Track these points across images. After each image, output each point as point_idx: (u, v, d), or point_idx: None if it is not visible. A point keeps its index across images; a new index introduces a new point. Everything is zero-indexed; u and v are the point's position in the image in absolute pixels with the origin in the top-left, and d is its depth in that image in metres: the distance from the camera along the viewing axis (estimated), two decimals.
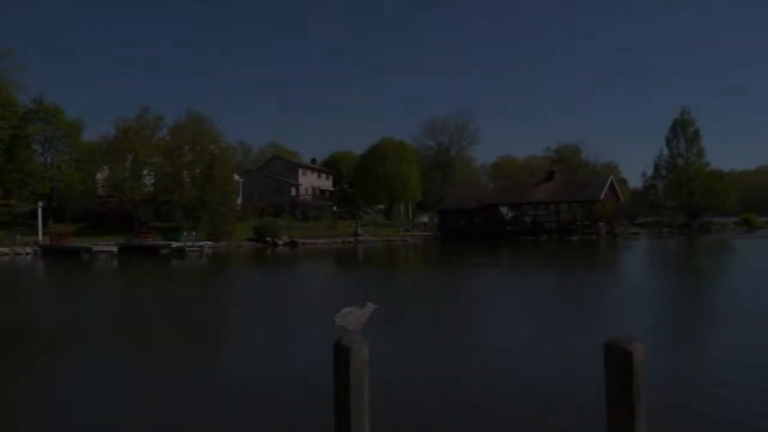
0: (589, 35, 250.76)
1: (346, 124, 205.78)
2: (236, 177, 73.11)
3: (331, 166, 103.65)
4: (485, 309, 18.53)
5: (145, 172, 60.06)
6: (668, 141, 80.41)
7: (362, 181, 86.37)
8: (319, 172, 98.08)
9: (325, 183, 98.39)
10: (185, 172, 58.70)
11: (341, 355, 4.23)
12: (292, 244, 57.40)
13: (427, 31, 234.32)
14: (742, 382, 9.41)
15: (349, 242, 61.73)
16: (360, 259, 42.78)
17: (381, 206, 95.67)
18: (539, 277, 28.80)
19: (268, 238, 57.45)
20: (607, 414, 4.08)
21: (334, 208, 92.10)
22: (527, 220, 74.30)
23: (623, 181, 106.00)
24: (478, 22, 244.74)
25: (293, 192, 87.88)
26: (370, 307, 4.89)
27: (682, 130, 79.26)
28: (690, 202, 77.85)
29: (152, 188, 60.94)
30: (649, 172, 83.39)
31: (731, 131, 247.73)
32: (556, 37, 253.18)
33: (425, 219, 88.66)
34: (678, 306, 18.39)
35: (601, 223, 67.10)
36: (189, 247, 48.36)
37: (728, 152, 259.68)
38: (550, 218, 73.58)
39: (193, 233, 51.15)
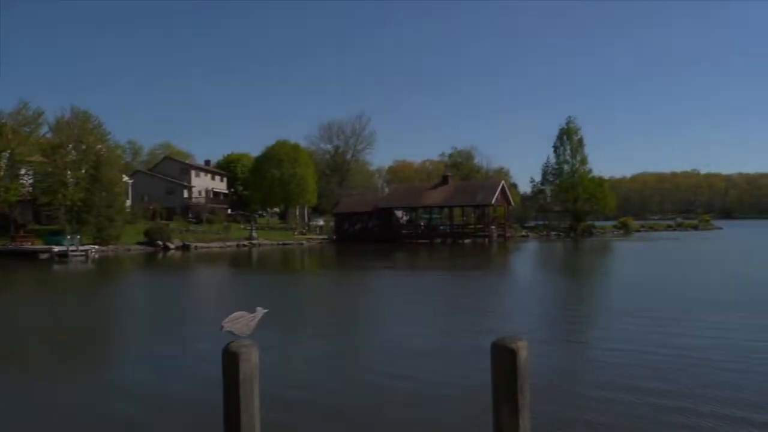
0: (481, 39, 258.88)
1: (241, 125, 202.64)
2: (125, 178, 70.18)
3: (225, 168, 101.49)
4: (378, 311, 18.67)
5: (23, 171, 56.21)
6: (555, 148, 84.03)
7: (257, 183, 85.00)
8: (213, 174, 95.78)
9: (220, 185, 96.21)
10: (69, 172, 55.55)
11: (230, 361, 4.13)
12: (185, 247, 55.74)
13: (324, 32, 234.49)
14: (619, 378, 9.94)
15: (244, 246, 60.64)
16: (254, 263, 42.10)
17: (276, 209, 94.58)
18: (432, 279, 29.33)
19: (159, 242, 55.50)
20: (493, 410, 4.20)
21: (229, 211, 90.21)
22: (422, 223, 75.60)
23: (514, 186, 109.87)
24: (377, 26, 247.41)
25: (186, 194, 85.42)
26: (261, 311, 4.80)
27: (568, 138, 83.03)
28: (575, 206, 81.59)
29: (31, 189, 57.24)
30: (538, 178, 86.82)
31: (611, 140, 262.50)
32: (451, 43, 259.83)
33: (321, 222, 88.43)
34: (561, 304, 19.23)
35: (493, 227, 69.24)
36: (73, 251, 45.94)
37: (608, 160, 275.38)
38: (444, 222, 75.23)
39: (78, 237, 48.59)
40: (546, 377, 9.73)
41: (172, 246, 55.42)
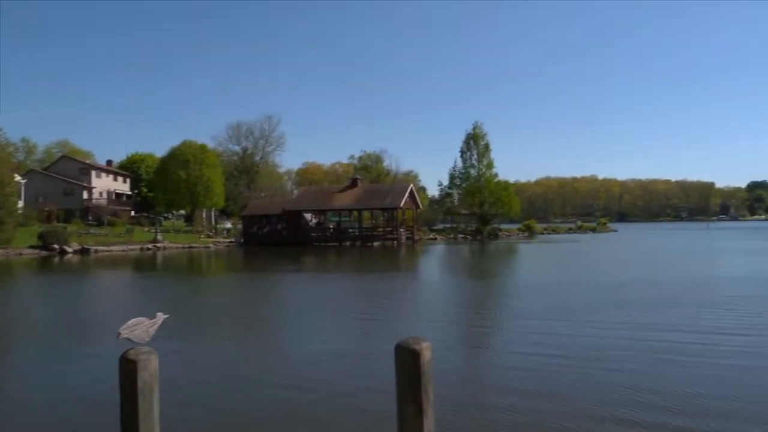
0: (391, 42, 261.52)
1: (145, 125, 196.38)
2: (17, 178, 66.46)
3: (128, 168, 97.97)
4: (285, 315, 18.50)
5: None
6: (462, 153, 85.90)
7: (162, 185, 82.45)
8: (116, 174, 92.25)
9: (122, 186, 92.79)
10: None
11: (127, 369, 3.98)
12: (84, 251, 53.26)
13: (233, 31, 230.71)
14: (523, 376, 10.25)
15: (148, 249, 58.63)
16: (158, 267, 40.80)
17: (182, 212, 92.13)
18: (341, 282, 29.33)
19: (55, 246, 52.83)
20: (397, 412, 4.24)
21: (132, 213, 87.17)
22: (331, 226, 75.52)
23: (422, 190, 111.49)
24: (288, 27, 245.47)
25: (86, 195, 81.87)
26: (161, 317, 4.64)
27: (475, 143, 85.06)
28: (481, 210, 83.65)
29: None
30: (446, 181, 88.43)
31: (516, 146, 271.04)
32: (361, 45, 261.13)
33: (228, 225, 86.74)
34: (467, 306, 19.65)
35: (402, 230, 69.96)
36: None
37: (513, 165, 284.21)
38: (353, 225, 75.43)
39: None
40: (450, 377, 9.91)
41: (69, 250, 52.85)
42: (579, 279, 26.64)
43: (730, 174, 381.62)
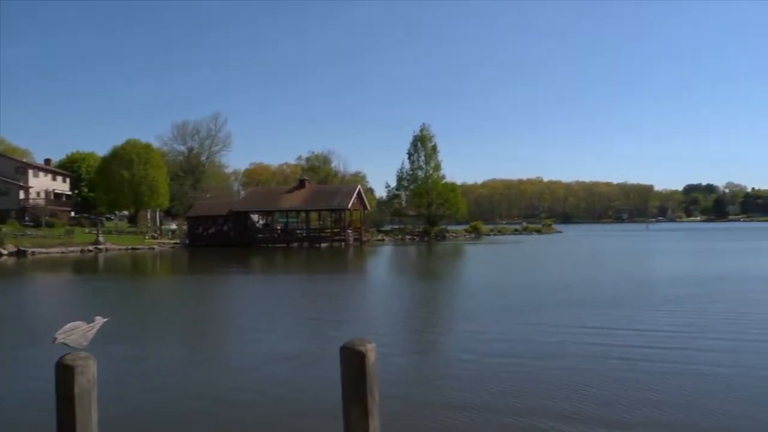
0: (339, 42, 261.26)
1: (86, 123, 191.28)
2: None
3: (68, 168, 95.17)
4: (230, 317, 18.27)
5: None
6: (410, 155, 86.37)
7: (105, 185, 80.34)
8: (55, 173, 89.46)
9: (62, 186, 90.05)
10: None
11: (64, 374, 3.86)
12: (20, 253, 51.51)
13: (179, 30, 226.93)
14: (468, 376, 10.36)
15: (89, 251, 57.09)
16: (100, 269, 39.79)
17: (126, 212, 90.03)
18: (288, 284, 29.14)
19: None
20: (343, 414, 4.24)
21: (72, 213, 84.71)
22: (278, 227, 74.95)
23: (370, 191, 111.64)
24: (233, 26, 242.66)
25: (22, 195, 79.18)
26: (99, 320, 4.51)
27: (422, 145, 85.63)
28: (429, 211, 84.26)
29: None
30: (393, 183, 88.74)
31: (464, 148, 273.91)
32: (309, 45, 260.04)
33: (173, 226, 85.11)
34: (413, 307, 19.76)
35: (350, 231, 69.95)
36: None
37: (461, 167, 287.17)
38: (301, 226, 75.03)
39: None
40: (397, 378, 9.96)
41: (4, 252, 51.05)
42: (524, 280, 27.09)
43: (668, 177, 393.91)
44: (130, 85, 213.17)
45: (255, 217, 73.29)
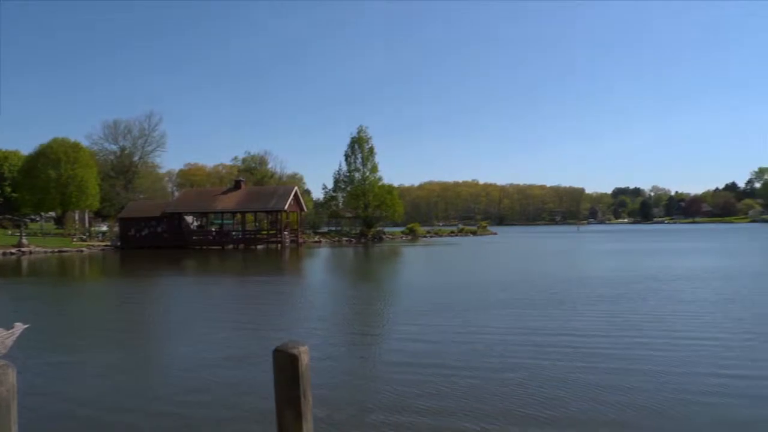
0: (275, 42, 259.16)
1: (8, 120, 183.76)
2: None
3: None
4: (162, 321, 17.93)
5: None
6: (347, 156, 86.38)
7: (29, 185, 77.29)
8: None
9: None
10: None
11: None
12: None
13: (111, 26, 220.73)
14: (403, 379, 10.49)
15: (11, 254, 54.93)
16: (22, 273, 38.31)
17: (52, 213, 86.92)
18: (223, 287, 28.72)
19: None
20: (276, 417, 4.26)
21: None
22: (213, 229, 73.82)
23: (307, 193, 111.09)
24: (167, 24, 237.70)
25: None
26: (20, 327, 4.44)
27: (359, 147, 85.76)
28: (366, 213, 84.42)
29: None
30: (330, 184, 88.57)
31: (402, 150, 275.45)
32: (245, 45, 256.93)
33: (104, 228, 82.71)
34: (348, 308, 19.80)
35: (286, 233, 69.45)
36: None
37: (398, 169, 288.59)
38: (237, 228, 74.09)
39: None
40: (330, 382, 10.00)
41: None
42: (459, 280, 27.43)
43: (599, 181, 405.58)
44: (58, 83, 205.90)
45: (189, 218, 71.98)
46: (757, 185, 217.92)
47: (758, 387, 9.55)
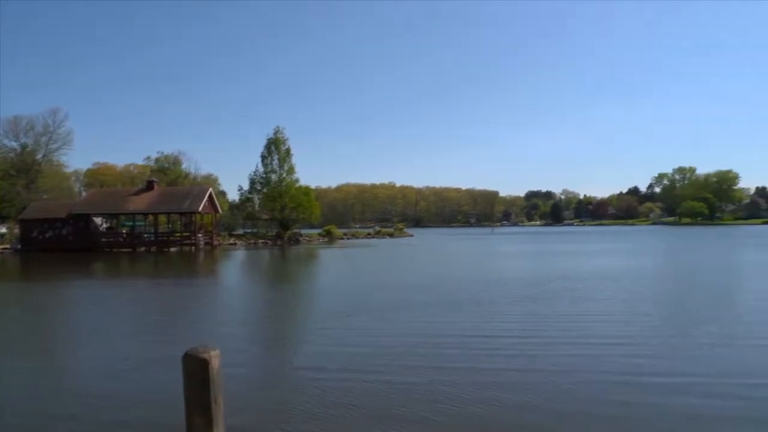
0: (186, 39, 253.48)
1: None
2: None
3: None
4: (65, 327, 17.30)
5: None
6: (263, 158, 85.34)
7: None
8: None
9: None
10: None
11: None
12: None
13: (21, 23, 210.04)
14: (316, 383, 10.52)
15: None
16: None
17: None
18: (130, 290, 27.87)
19: None
20: (186, 425, 4.20)
21: None
22: (124, 231, 71.43)
23: (222, 194, 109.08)
24: (73, 20, 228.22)
25: None
26: None
27: (276, 148, 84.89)
28: (282, 215, 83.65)
29: None
30: (246, 186, 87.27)
31: (319, 152, 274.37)
32: (159, 48, 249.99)
33: (4, 230, 78.53)
34: (262, 312, 19.66)
35: (200, 235, 67.99)
36: None
37: (315, 171, 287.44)
38: (149, 229, 71.98)
39: None
40: (242, 389, 9.92)
41: None
42: (371, 282, 27.66)
43: (513, 184, 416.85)
44: None
45: (98, 220, 69.38)
46: (657, 189, 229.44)
47: (662, 384, 10.06)
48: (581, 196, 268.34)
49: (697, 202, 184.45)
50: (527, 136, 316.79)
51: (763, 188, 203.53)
